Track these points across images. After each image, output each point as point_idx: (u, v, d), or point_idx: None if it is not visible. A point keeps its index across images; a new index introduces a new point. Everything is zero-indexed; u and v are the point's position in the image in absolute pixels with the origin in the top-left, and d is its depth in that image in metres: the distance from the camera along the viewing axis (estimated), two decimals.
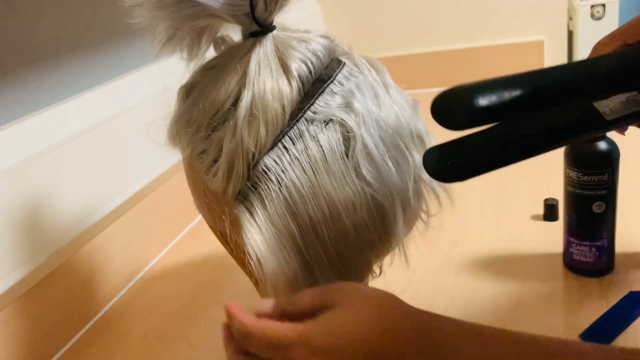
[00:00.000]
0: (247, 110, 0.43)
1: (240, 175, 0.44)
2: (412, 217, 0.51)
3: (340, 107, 0.45)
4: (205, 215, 0.52)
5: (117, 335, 0.70)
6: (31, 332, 0.65)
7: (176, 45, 0.47)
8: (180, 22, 0.44)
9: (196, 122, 0.46)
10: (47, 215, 0.68)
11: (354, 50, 0.52)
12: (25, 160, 0.65)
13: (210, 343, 0.66)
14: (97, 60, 0.82)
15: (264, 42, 0.45)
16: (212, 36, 0.48)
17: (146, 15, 0.44)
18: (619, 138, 0.59)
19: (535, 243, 0.72)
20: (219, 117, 0.45)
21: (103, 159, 0.77)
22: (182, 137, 0.48)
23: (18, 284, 0.62)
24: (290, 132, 0.44)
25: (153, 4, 0.43)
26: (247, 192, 0.44)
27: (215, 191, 0.46)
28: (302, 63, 0.45)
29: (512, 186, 0.88)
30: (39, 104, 0.72)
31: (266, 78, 0.44)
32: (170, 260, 0.86)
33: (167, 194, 0.89)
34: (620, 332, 0.55)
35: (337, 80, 0.46)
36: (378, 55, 1.53)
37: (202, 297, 0.75)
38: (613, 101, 0.42)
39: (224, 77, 0.45)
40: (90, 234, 0.74)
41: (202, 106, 0.46)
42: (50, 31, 0.74)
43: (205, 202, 0.49)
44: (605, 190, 0.60)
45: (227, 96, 0.45)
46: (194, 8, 0.43)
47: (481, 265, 0.70)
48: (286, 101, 0.44)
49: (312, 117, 0.44)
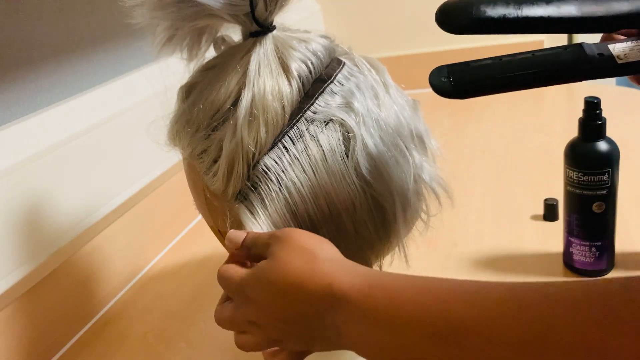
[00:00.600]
0: (247, 110, 0.43)
1: (240, 175, 0.44)
2: (412, 217, 0.51)
3: (340, 107, 0.45)
4: (205, 215, 0.52)
5: (117, 335, 0.70)
6: (31, 332, 0.65)
7: (176, 45, 0.47)
8: (180, 22, 0.44)
9: (196, 122, 0.46)
10: (47, 215, 0.68)
11: (354, 50, 0.52)
12: (25, 160, 0.65)
13: (210, 343, 0.66)
14: (97, 60, 0.82)
15: (264, 42, 0.45)
16: (212, 36, 0.49)
17: (146, 15, 0.44)
18: (619, 138, 0.59)
19: (535, 243, 0.72)
20: (219, 117, 0.45)
21: (103, 159, 0.77)
22: (182, 137, 0.48)
23: (18, 284, 0.62)
24: (290, 132, 0.44)
25: (153, 4, 0.43)
26: (247, 192, 0.44)
27: (215, 191, 0.46)
28: (302, 63, 0.45)
29: (512, 186, 0.88)
30: (39, 104, 0.72)
31: (266, 78, 0.44)
32: (170, 260, 0.86)
33: (167, 194, 0.89)
34: None
35: (337, 80, 0.46)
36: (378, 55, 1.53)
37: (202, 297, 0.75)
38: (632, 47, 0.42)
39: (224, 77, 0.45)
40: (90, 234, 0.74)
41: (202, 106, 0.46)
42: (50, 31, 0.74)
43: (205, 201, 0.49)
44: (605, 190, 0.60)
45: (227, 96, 0.45)
46: (194, 8, 0.43)
47: (481, 265, 0.70)
48: (286, 101, 0.44)
49: (312, 117, 0.44)
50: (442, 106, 1.34)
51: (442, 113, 1.28)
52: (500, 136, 1.06)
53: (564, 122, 1.10)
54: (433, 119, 1.26)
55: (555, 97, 1.24)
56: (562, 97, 1.24)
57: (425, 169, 0.50)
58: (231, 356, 0.64)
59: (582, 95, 0.62)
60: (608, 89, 1.31)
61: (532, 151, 0.99)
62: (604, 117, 0.59)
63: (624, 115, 1.06)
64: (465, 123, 1.17)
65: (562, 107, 1.19)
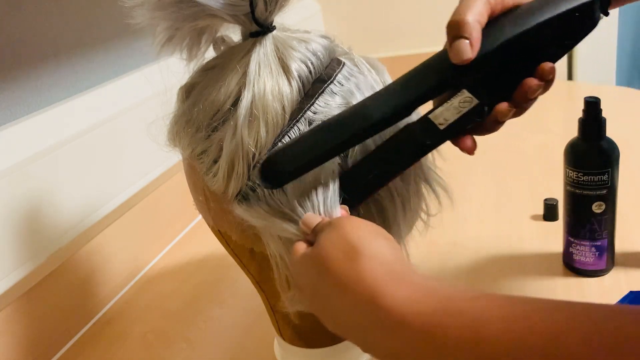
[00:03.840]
0: (247, 111, 0.43)
1: (241, 176, 0.44)
2: (412, 217, 0.51)
3: (341, 107, 0.45)
4: (205, 216, 0.52)
5: (117, 335, 0.70)
6: (31, 332, 0.65)
7: (176, 45, 0.47)
8: (180, 23, 0.44)
9: (196, 122, 0.46)
10: (47, 215, 0.68)
11: (354, 50, 0.52)
12: (26, 160, 0.65)
13: (210, 343, 0.66)
14: (97, 60, 0.82)
15: (264, 42, 0.45)
16: (212, 36, 0.48)
17: (146, 16, 0.44)
18: (619, 138, 0.59)
19: (535, 243, 0.72)
20: (219, 118, 0.45)
21: (103, 158, 0.77)
22: (182, 138, 0.48)
23: (18, 284, 0.62)
24: (290, 133, 0.44)
25: (153, 4, 0.43)
26: (248, 192, 0.44)
27: (215, 191, 0.46)
28: (302, 63, 0.45)
29: (512, 186, 0.88)
30: (39, 104, 0.72)
31: (266, 78, 0.44)
32: (170, 260, 0.86)
33: (167, 194, 0.89)
34: None
35: (337, 80, 0.46)
36: (378, 55, 1.52)
37: (202, 297, 0.75)
38: (447, 108, 0.42)
39: (224, 77, 0.45)
40: (91, 234, 0.74)
41: (202, 106, 0.46)
42: (50, 31, 0.74)
43: (205, 202, 0.49)
44: (605, 190, 0.60)
45: (227, 96, 0.45)
46: (194, 8, 0.43)
47: (481, 265, 0.70)
48: (286, 101, 0.44)
49: (313, 118, 0.44)
50: None
51: None
52: (500, 136, 1.06)
53: (564, 122, 1.10)
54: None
55: (555, 97, 1.23)
56: (562, 97, 1.24)
57: (425, 169, 0.50)
58: (231, 356, 0.64)
59: (582, 95, 0.62)
60: (608, 89, 1.31)
61: (532, 151, 0.99)
62: (604, 117, 0.59)
63: (624, 115, 1.06)
64: None
65: (562, 107, 1.19)
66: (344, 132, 0.41)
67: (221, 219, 0.48)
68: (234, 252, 0.52)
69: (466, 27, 0.39)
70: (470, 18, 0.39)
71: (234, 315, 0.70)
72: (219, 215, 0.48)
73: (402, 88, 0.42)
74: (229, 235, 0.50)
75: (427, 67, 0.42)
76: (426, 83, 0.41)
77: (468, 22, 0.38)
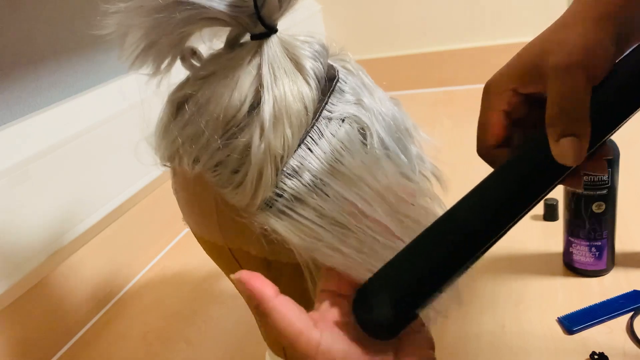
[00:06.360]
0: (271, 114, 0.41)
1: (269, 182, 0.41)
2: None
3: (352, 104, 0.45)
4: (212, 234, 0.48)
5: (117, 335, 0.70)
6: (31, 332, 0.65)
7: (153, 56, 0.44)
8: (166, 29, 0.42)
9: (206, 133, 0.43)
10: (47, 215, 0.68)
11: (354, 50, 0.52)
12: (23, 161, 0.65)
13: (210, 343, 0.66)
14: (97, 60, 0.82)
15: (270, 44, 0.44)
16: (181, 48, 0.45)
17: (123, 23, 0.43)
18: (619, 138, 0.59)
19: (535, 243, 0.72)
20: (236, 124, 0.43)
21: (100, 159, 0.77)
22: (187, 152, 0.45)
23: (18, 284, 0.62)
24: (311, 132, 0.43)
25: (133, 10, 0.42)
26: (274, 200, 0.42)
27: (237, 204, 0.43)
28: (315, 61, 0.44)
29: None
30: (38, 105, 0.72)
31: (283, 80, 0.42)
32: (170, 260, 0.86)
33: (167, 194, 0.89)
34: (602, 319, 0.56)
35: (341, 78, 0.46)
36: (378, 55, 1.53)
37: (202, 297, 0.75)
38: None
39: (232, 82, 0.43)
40: (90, 234, 0.74)
41: (212, 116, 0.43)
42: (50, 31, 0.74)
43: (217, 219, 0.46)
44: (605, 190, 0.60)
45: (241, 102, 0.43)
46: (189, 12, 0.41)
47: (481, 265, 0.70)
48: (307, 100, 0.43)
49: (329, 116, 0.44)
50: (442, 106, 1.34)
51: (442, 113, 1.28)
52: None
53: None
54: (433, 119, 1.26)
55: None
56: None
57: (423, 160, 0.50)
58: (231, 356, 0.64)
59: None
60: None
61: None
62: None
63: None
64: (466, 123, 1.17)
65: None
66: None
67: (236, 235, 0.46)
68: (239, 266, 0.49)
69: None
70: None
71: (234, 315, 0.70)
72: (234, 230, 0.45)
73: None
74: (245, 251, 0.46)
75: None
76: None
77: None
